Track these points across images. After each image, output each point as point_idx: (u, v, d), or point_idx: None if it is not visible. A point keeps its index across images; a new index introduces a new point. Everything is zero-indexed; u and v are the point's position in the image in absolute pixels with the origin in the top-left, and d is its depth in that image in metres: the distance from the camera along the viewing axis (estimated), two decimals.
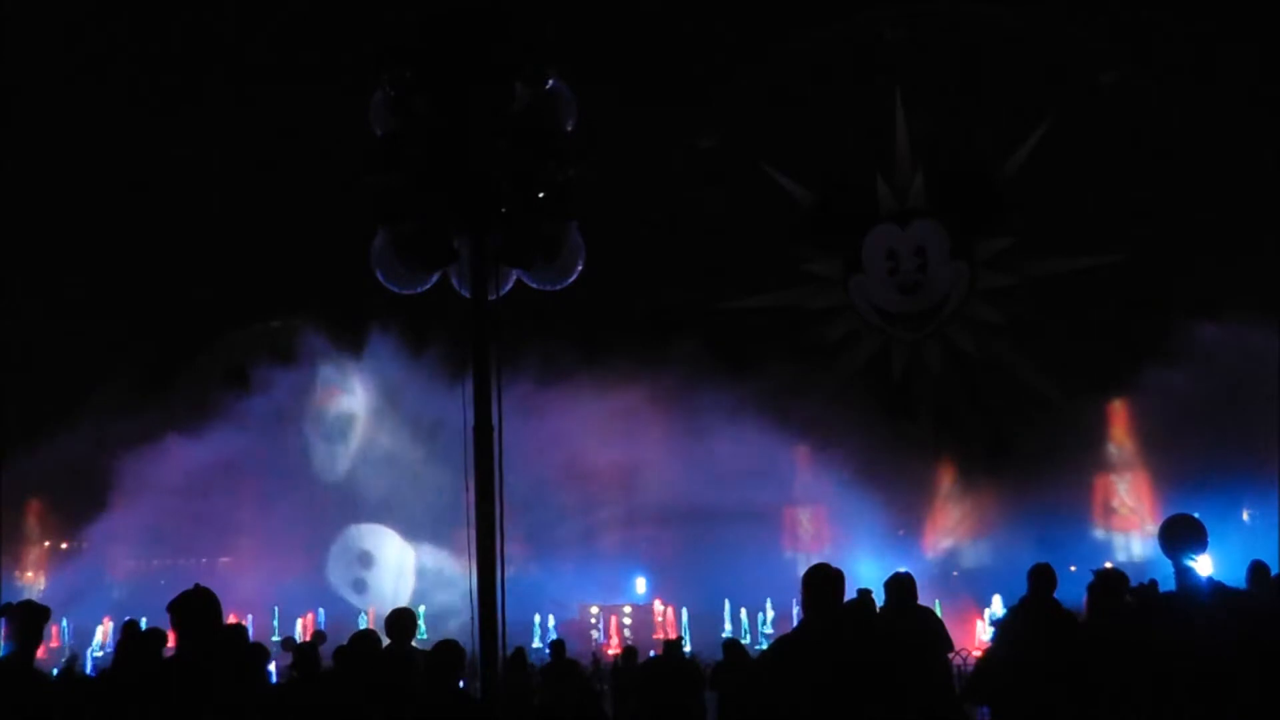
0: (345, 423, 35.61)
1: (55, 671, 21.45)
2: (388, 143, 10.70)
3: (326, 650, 11.63)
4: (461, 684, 8.43)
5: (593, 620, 32.38)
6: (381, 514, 34.67)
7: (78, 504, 36.38)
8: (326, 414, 35.55)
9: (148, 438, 34.46)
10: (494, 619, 9.93)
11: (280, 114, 38.58)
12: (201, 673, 6.53)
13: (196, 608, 6.64)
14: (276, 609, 32.63)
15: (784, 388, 33.07)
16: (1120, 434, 34.18)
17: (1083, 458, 33.54)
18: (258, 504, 34.01)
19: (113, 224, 38.48)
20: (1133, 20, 35.01)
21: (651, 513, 32.40)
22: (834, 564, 7.00)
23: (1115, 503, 33.93)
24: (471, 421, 10.33)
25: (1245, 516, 30.73)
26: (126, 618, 14.04)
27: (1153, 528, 9.23)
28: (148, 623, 12.02)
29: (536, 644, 27.59)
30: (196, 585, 6.78)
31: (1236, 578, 10.25)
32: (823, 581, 6.87)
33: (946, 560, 34.24)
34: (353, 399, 35.56)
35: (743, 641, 21.82)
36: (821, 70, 37.68)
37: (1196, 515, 7.28)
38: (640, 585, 34.41)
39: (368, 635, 9.68)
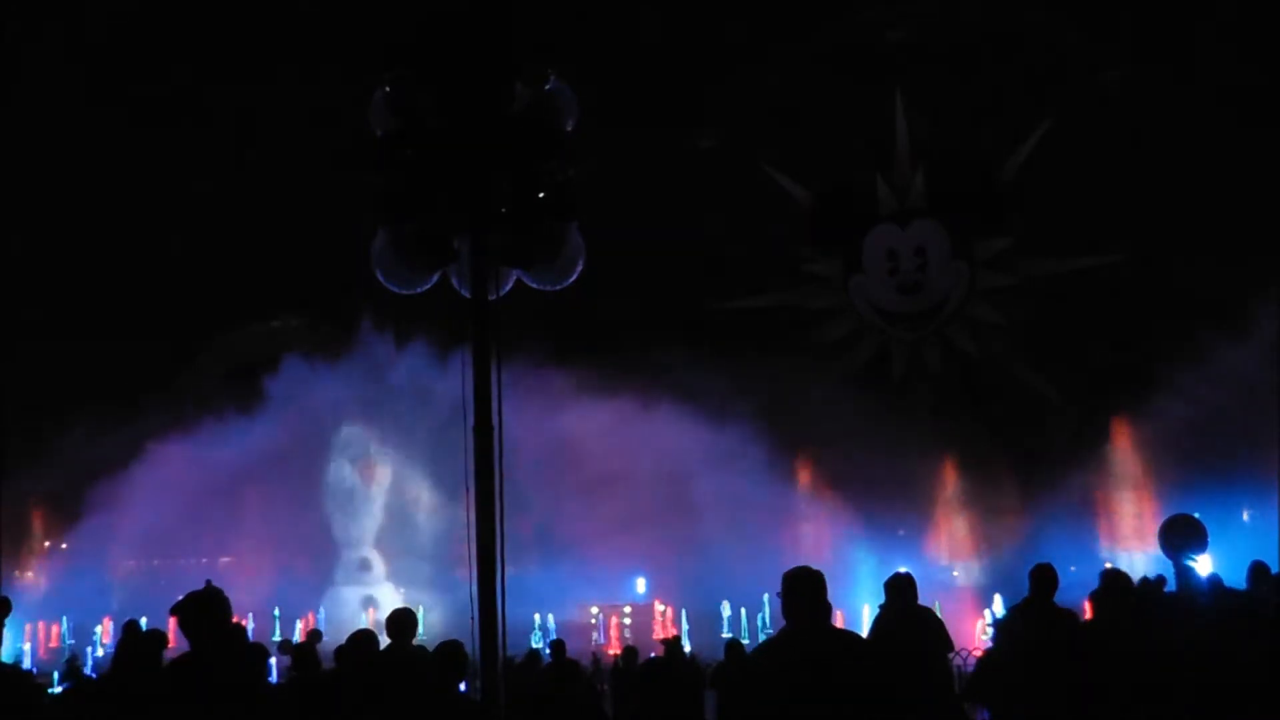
0: (368, 495, 35.11)
1: (56, 672, 21.51)
2: (388, 143, 10.69)
3: (325, 649, 11.63)
4: (463, 685, 8.44)
5: (593, 620, 32.40)
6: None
7: (78, 504, 36.38)
8: (352, 484, 35.06)
9: (148, 438, 34.46)
10: (494, 619, 9.91)
11: (280, 113, 38.55)
12: (217, 671, 6.53)
13: (210, 606, 6.65)
14: (277, 610, 32.63)
15: (784, 388, 33.06)
16: (1121, 434, 34.16)
17: (1082, 457, 33.53)
18: (260, 505, 34.00)
19: (112, 224, 38.44)
20: (1132, 20, 34.98)
21: (651, 513, 32.38)
22: (834, 564, 7.01)
23: (1116, 505, 33.91)
24: (471, 422, 10.32)
25: (1245, 516, 30.74)
26: (127, 618, 14.04)
27: (1152, 528, 9.23)
28: (148, 623, 12.04)
29: (536, 644, 27.57)
30: (208, 583, 6.80)
31: (1236, 578, 10.26)
32: (804, 584, 6.88)
33: (947, 560, 34.24)
34: (381, 472, 34.99)
35: (743, 641, 21.82)
36: (822, 70, 37.69)
37: (1196, 515, 7.29)
38: (640, 585, 34.42)
39: (366, 634, 9.66)
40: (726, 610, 31.19)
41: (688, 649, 17.68)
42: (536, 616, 30.71)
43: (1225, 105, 33.72)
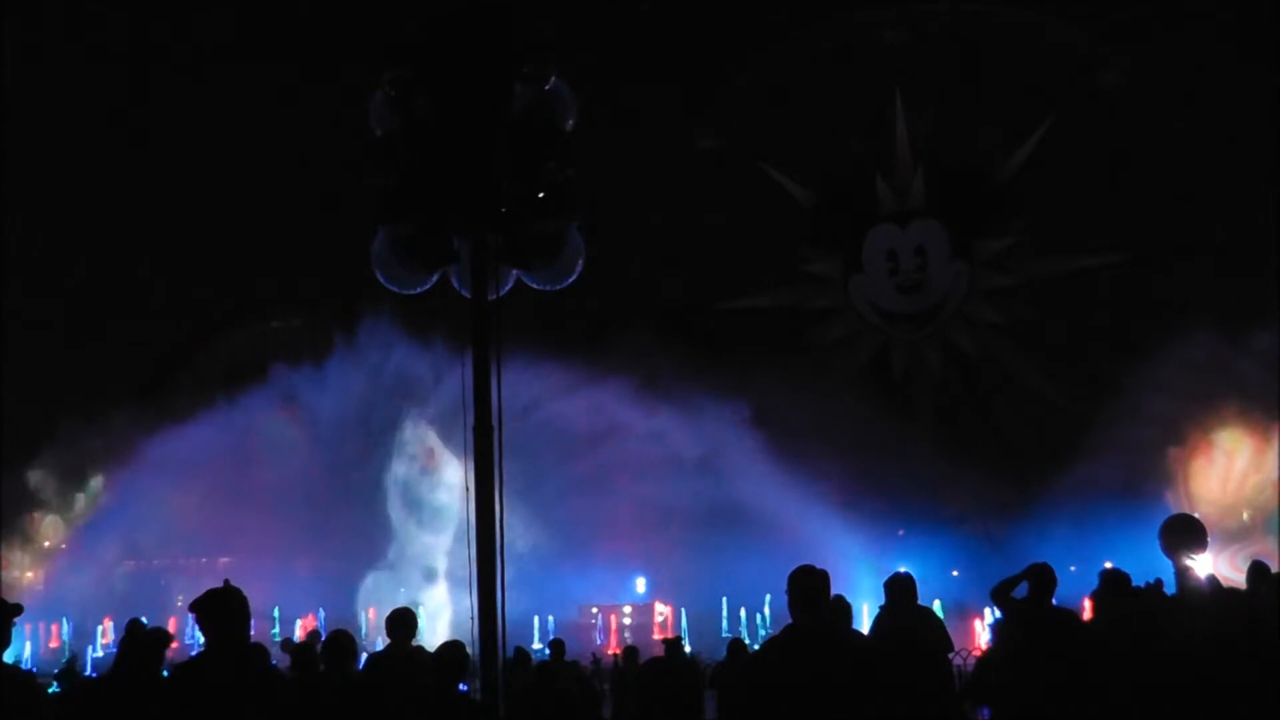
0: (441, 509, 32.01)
1: (56, 672, 21.52)
2: (388, 143, 10.69)
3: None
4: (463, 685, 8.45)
5: (593, 620, 32.39)
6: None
7: (77, 503, 36.41)
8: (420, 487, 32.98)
9: (148, 437, 34.45)
10: (494, 619, 9.92)
11: (280, 113, 38.54)
12: (233, 669, 6.53)
13: (232, 606, 6.65)
14: (277, 610, 32.59)
15: (783, 388, 33.05)
16: (1121, 434, 34.11)
17: (1082, 456, 33.49)
18: (259, 504, 33.96)
19: (112, 223, 38.46)
20: (1133, 20, 34.96)
21: (651, 513, 32.38)
22: (834, 564, 7.02)
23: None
24: (471, 423, 10.31)
25: (1245, 517, 30.77)
26: (127, 618, 14.05)
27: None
28: (149, 623, 12.04)
29: (537, 644, 27.57)
30: (226, 582, 6.80)
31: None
32: (809, 582, 6.89)
33: (946, 559, 34.20)
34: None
35: (745, 641, 21.80)
36: (822, 70, 37.69)
37: (1196, 515, 7.30)
38: (640, 585, 34.41)
39: (343, 634, 9.59)
40: (726, 610, 31.20)
41: (688, 649, 17.68)
42: (536, 617, 30.69)
43: (1225, 105, 33.71)
